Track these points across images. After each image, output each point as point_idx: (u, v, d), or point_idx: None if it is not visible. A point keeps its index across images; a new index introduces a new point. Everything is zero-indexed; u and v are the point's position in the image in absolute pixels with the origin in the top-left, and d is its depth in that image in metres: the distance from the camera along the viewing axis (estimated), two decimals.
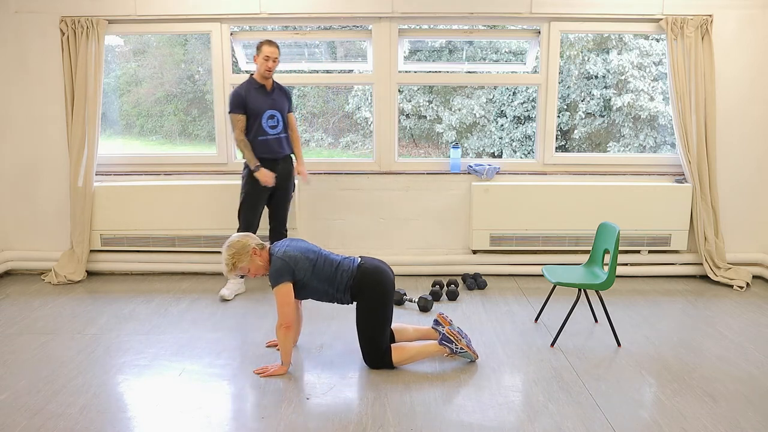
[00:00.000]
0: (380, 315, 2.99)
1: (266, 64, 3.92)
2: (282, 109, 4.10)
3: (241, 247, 2.96)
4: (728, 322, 3.73)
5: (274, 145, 4.07)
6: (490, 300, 4.14)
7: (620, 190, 4.50)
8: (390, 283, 3.03)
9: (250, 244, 2.98)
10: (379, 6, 4.42)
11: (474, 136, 8.87)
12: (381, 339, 3.02)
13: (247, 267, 2.97)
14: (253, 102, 3.98)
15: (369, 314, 3.00)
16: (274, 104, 4.05)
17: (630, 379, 2.96)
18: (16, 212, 4.72)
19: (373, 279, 2.99)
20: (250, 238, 3.01)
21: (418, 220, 4.70)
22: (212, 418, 2.59)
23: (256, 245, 3.00)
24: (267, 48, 3.92)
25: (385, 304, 3.00)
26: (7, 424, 2.53)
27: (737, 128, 4.53)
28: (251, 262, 2.97)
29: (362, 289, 2.98)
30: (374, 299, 2.98)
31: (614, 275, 3.23)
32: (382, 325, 3.01)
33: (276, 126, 4.06)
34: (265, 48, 3.92)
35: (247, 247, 2.96)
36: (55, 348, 3.32)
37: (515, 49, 8.39)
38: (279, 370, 2.99)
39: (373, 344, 3.02)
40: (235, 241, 2.98)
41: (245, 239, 2.99)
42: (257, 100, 3.99)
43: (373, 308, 2.99)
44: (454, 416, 2.61)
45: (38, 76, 4.53)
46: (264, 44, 3.93)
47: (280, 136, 4.10)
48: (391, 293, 3.03)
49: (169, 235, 4.61)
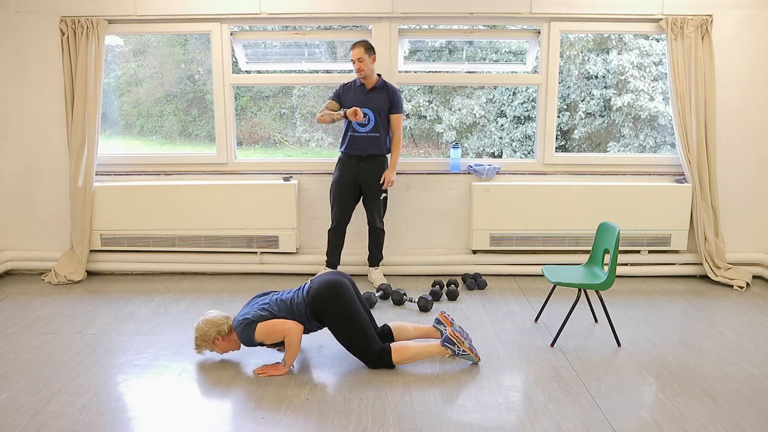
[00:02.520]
0: (352, 324, 2.98)
1: (355, 66, 4.07)
2: (375, 108, 4.13)
3: (203, 334, 3.06)
4: (728, 322, 3.73)
5: (361, 143, 4.17)
6: (490, 300, 4.14)
7: (620, 190, 4.50)
8: (345, 290, 3.02)
9: (210, 334, 3.04)
10: (379, 6, 4.42)
11: (474, 136, 8.86)
12: (367, 344, 3.01)
13: (211, 349, 3.11)
14: (349, 99, 4.17)
15: (341, 328, 3.00)
16: (366, 103, 4.12)
17: (630, 379, 2.96)
18: (16, 212, 4.72)
19: (325, 296, 2.99)
20: (213, 326, 3.05)
21: (418, 220, 4.70)
22: (212, 418, 2.59)
23: (218, 333, 3.05)
24: (351, 51, 4.06)
25: (350, 312, 2.98)
26: (7, 424, 2.53)
27: (737, 128, 4.53)
28: (215, 346, 3.10)
29: (321, 309, 2.99)
30: (337, 313, 2.98)
31: (614, 275, 3.23)
32: (359, 332, 2.99)
33: (366, 125, 4.14)
34: (351, 52, 4.07)
35: (208, 336, 3.06)
36: (55, 348, 3.32)
37: (515, 49, 8.39)
38: (279, 371, 2.99)
39: (362, 351, 3.02)
40: (199, 326, 3.08)
41: (208, 327, 3.05)
42: (354, 98, 4.16)
43: (341, 321, 2.99)
44: (454, 416, 2.61)
45: (38, 76, 4.53)
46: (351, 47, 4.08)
47: (369, 135, 4.16)
48: (349, 298, 3.01)
49: (169, 235, 4.61)
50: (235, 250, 4.62)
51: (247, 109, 8.89)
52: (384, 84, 4.19)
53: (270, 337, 2.98)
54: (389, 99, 4.17)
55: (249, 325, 2.98)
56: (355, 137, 4.18)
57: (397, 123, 4.22)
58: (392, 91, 4.19)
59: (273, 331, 2.97)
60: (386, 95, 4.17)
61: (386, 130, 4.23)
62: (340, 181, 4.25)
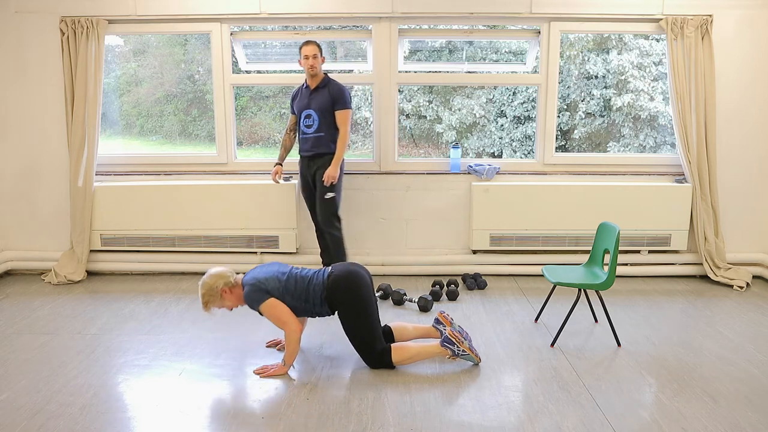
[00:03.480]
0: (363, 318, 2.98)
1: (306, 63, 4.04)
2: (317, 108, 4.07)
3: (210, 288, 2.99)
4: (728, 322, 3.73)
5: (308, 143, 4.14)
6: (490, 300, 4.14)
7: (620, 190, 4.50)
8: (365, 284, 3.02)
9: (218, 285, 2.98)
10: (379, 6, 4.42)
11: (474, 136, 8.87)
12: (372, 341, 3.01)
13: (220, 305, 3.03)
14: (297, 103, 4.18)
15: (352, 320, 2.99)
16: (310, 103, 4.11)
17: (630, 379, 2.96)
18: (16, 212, 4.72)
19: (345, 285, 2.98)
20: (220, 278, 3.00)
21: (418, 220, 4.70)
22: (212, 418, 2.59)
23: (225, 285, 2.99)
24: (303, 48, 4.04)
25: (364, 306, 2.98)
26: (7, 424, 2.53)
27: (737, 128, 4.53)
28: (223, 301, 3.03)
29: (337, 297, 2.98)
30: (352, 304, 2.98)
31: (614, 275, 3.23)
32: (369, 327, 2.99)
33: (311, 125, 4.11)
34: (302, 48, 4.04)
35: (215, 288, 2.99)
36: (55, 348, 3.32)
37: (515, 49, 8.39)
38: (279, 371, 2.99)
39: (366, 348, 3.01)
40: (204, 282, 3.01)
41: (214, 280, 2.99)
42: (300, 101, 4.16)
43: (354, 313, 2.98)
44: (454, 416, 2.61)
45: (38, 76, 4.53)
46: (301, 45, 4.06)
47: (315, 135, 4.11)
48: (368, 294, 3.01)
49: (169, 235, 4.61)
50: (235, 250, 4.62)
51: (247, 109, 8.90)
52: (327, 82, 4.09)
53: (270, 317, 2.97)
54: (331, 96, 4.06)
55: (262, 294, 2.94)
56: (303, 138, 4.17)
57: (341, 119, 4.07)
58: (334, 88, 4.07)
59: (277, 317, 2.95)
60: (328, 93, 4.06)
61: (333, 128, 4.10)
62: (301, 183, 4.31)
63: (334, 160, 4.08)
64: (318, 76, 4.10)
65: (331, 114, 4.09)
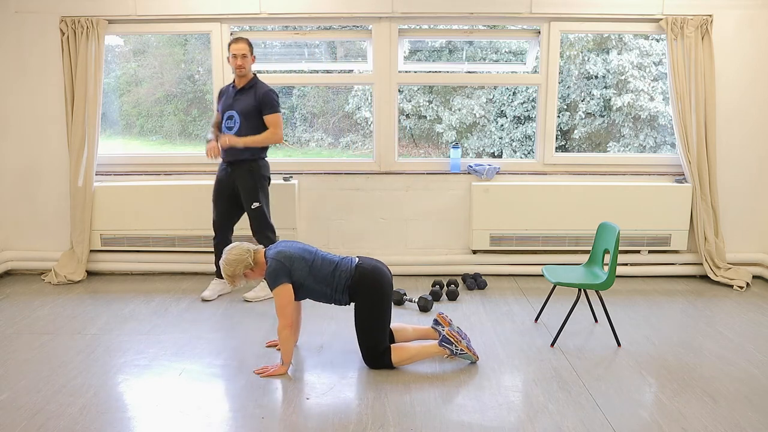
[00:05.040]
0: (379, 316, 2.99)
1: (234, 62, 3.85)
2: (240, 110, 3.88)
3: (232, 273, 3.00)
4: (728, 322, 3.73)
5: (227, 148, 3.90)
6: (490, 300, 4.14)
7: (620, 190, 4.50)
8: (388, 284, 3.03)
9: (239, 272, 2.99)
10: (379, 6, 4.42)
11: (474, 136, 8.86)
12: (380, 340, 3.01)
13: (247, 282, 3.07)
14: (223, 102, 4.00)
15: (368, 315, 2.99)
16: (234, 105, 3.91)
17: (630, 379, 2.96)
18: (16, 212, 4.72)
19: (371, 279, 2.98)
20: (239, 264, 2.98)
21: (418, 220, 4.70)
22: (212, 418, 2.59)
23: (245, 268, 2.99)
24: (232, 45, 3.84)
25: (383, 305, 2.99)
26: (7, 424, 2.53)
27: (737, 128, 4.53)
28: (248, 278, 3.05)
29: (360, 289, 2.98)
30: (373, 300, 2.98)
31: (614, 275, 3.23)
32: (381, 325, 3.00)
33: (232, 128, 3.90)
34: (231, 45, 3.84)
35: (237, 273, 2.99)
36: (55, 348, 3.32)
37: (515, 49, 8.39)
38: (279, 370, 2.99)
39: (373, 345, 3.01)
40: (225, 268, 3.00)
41: (235, 268, 2.99)
42: (226, 100, 3.98)
43: (372, 309, 2.98)
44: (454, 416, 2.61)
45: (38, 76, 4.53)
46: (231, 42, 3.86)
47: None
48: (389, 294, 3.02)
49: (169, 235, 4.61)
50: None
51: None
52: (254, 84, 3.90)
53: (276, 299, 2.94)
54: (256, 99, 3.86)
55: (283, 276, 2.92)
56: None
57: (272, 123, 3.88)
58: (261, 91, 3.87)
59: (280, 304, 2.93)
60: (254, 95, 3.87)
61: (256, 132, 3.88)
62: (216, 185, 4.06)
63: (247, 139, 3.83)
64: (246, 77, 3.90)
65: (255, 118, 3.88)
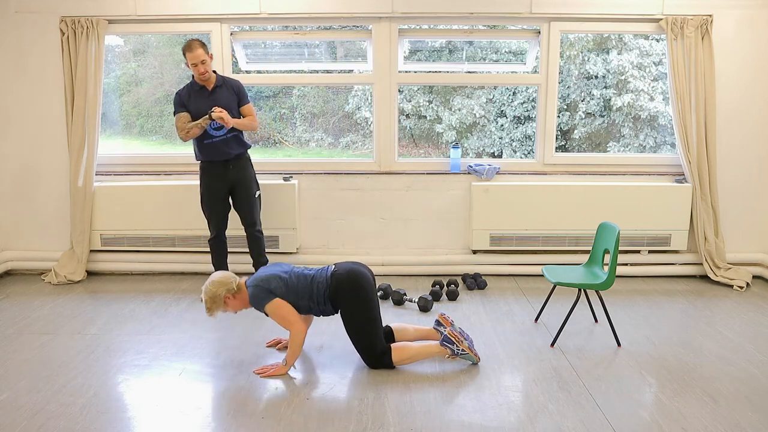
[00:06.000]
0: (366, 317, 2.98)
1: (195, 70, 3.78)
2: (224, 107, 3.84)
3: (213, 296, 2.98)
4: (728, 322, 3.73)
5: (222, 147, 3.89)
6: (490, 300, 4.14)
7: (620, 190, 4.50)
8: (368, 283, 3.02)
9: (220, 293, 2.97)
10: (379, 6, 4.42)
11: (474, 136, 8.86)
12: (374, 340, 3.01)
13: (224, 309, 3.04)
14: (194, 104, 3.86)
15: (354, 319, 2.99)
16: (215, 105, 3.84)
17: (630, 379, 2.96)
18: (16, 212, 4.72)
19: (348, 283, 2.98)
20: (222, 286, 2.98)
21: (418, 220, 4.70)
22: (212, 418, 2.59)
23: (228, 291, 2.98)
24: (188, 54, 3.74)
25: (367, 305, 2.98)
26: (7, 424, 2.53)
27: (737, 128, 4.53)
28: (226, 306, 3.03)
29: (340, 295, 2.98)
30: (355, 303, 2.98)
31: (614, 275, 3.23)
32: (370, 326, 2.99)
33: (221, 127, 3.87)
34: (187, 54, 3.74)
35: (218, 296, 2.98)
36: (55, 348, 3.32)
37: (515, 49, 8.39)
38: (279, 371, 2.99)
39: (367, 347, 3.01)
40: (207, 288, 2.99)
41: (216, 287, 2.97)
42: (197, 103, 3.86)
43: (357, 312, 2.98)
44: (454, 416, 2.61)
45: (38, 76, 4.53)
46: (185, 50, 3.75)
47: (227, 137, 3.90)
48: (370, 293, 3.01)
49: (169, 235, 4.61)
50: (235, 250, 4.62)
51: None
52: (223, 80, 3.93)
53: (275, 317, 2.97)
54: (235, 93, 3.93)
55: (266, 294, 2.94)
56: (214, 143, 3.87)
57: (249, 111, 3.99)
58: (234, 84, 3.96)
59: (282, 317, 2.95)
60: (231, 91, 3.92)
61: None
62: (210, 190, 3.98)
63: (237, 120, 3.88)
64: (210, 79, 3.86)
65: (236, 111, 3.94)
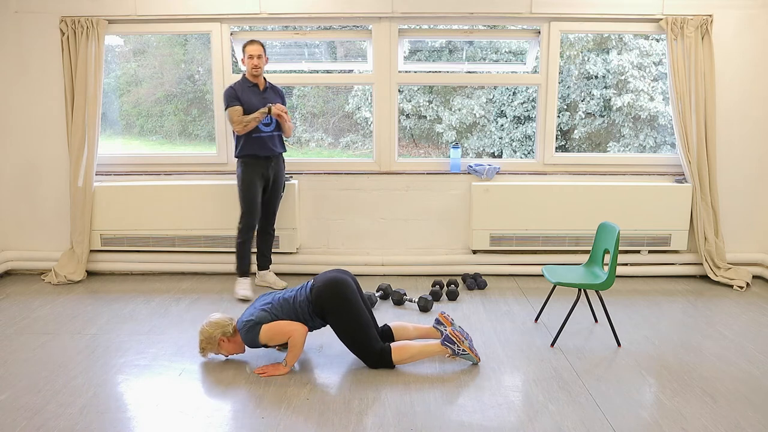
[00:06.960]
0: (355, 322, 2.99)
1: (251, 62, 4.02)
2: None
3: (208, 336, 3.05)
4: (728, 322, 3.73)
5: (268, 143, 4.11)
6: (490, 300, 4.14)
7: (620, 190, 4.50)
8: (349, 288, 3.03)
9: (216, 335, 3.04)
10: (379, 6, 4.42)
11: (474, 136, 8.87)
12: (369, 343, 3.01)
13: (216, 351, 3.11)
14: (246, 100, 4.06)
15: (344, 327, 3.00)
16: (264, 103, 4.09)
17: (630, 379, 2.96)
18: (16, 212, 4.72)
19: (327, 294, 2.99)
20: (218, 327, 3.04)
21: (418, 220, 4.70)
22: (212, 418, 2.59)
23: (223, 334, 3.05)
24: (249, 47, 4.03)
25: (353, 311, 2.99)
26: (7, 424, 2.53)
27: (737, 128, 4.53)
28: (221, 348, 3.09)
29: (324, 308, 3.00)
30: (340, 312, 2.98)
31: (614, 275, 3.23)
32: (362, 330, 3.00)
33: (270, 124, 4.12)
34: (247, 48, 4.03)
35: (213, 338, 3.05)
36: (55, 348, 3.32)
37: (515, 49, 8.39)
38: (279, 371, 2.99)
39: (364, 350, 3.02)
40: (203, 329, 3.06)
41: (213, 329, 3.04)
42: (250, 99, 4.07)
43: (344, 320, 2.99)
44: (454, 416, 2.61)
45: (38, 76, 4.53)
46: (246, 44, 4.05)
47: (273, 134, 4.15)
48: (352, 297, 3.02)
49: (169, 235, 4.61)
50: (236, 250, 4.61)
51: None
52: (272, 84, 4.23)
53: (274, 339, 2.99)
54: (280, 98, 4.22)
55: (253, 327, 2.98)
56: (262, 138, 4.09)
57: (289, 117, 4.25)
58: (280, 91, 4.27)
59: (278, 332, 2.98)
60: (278, 95, 4.22)
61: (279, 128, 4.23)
62: (252, 184, 4.12)
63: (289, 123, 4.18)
64: (260, 77, 4.13)
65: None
